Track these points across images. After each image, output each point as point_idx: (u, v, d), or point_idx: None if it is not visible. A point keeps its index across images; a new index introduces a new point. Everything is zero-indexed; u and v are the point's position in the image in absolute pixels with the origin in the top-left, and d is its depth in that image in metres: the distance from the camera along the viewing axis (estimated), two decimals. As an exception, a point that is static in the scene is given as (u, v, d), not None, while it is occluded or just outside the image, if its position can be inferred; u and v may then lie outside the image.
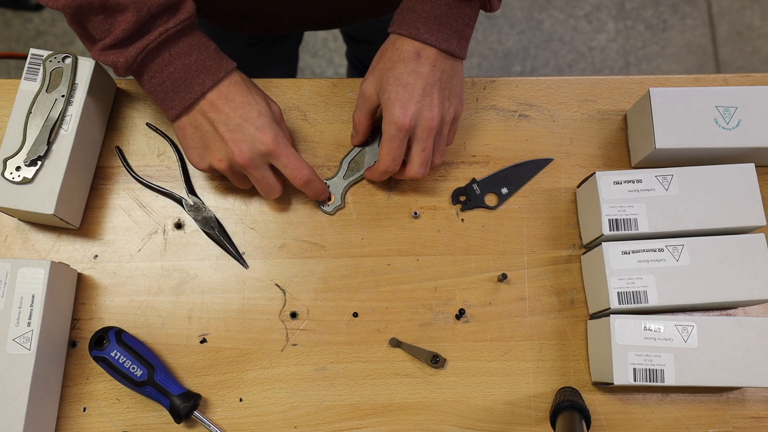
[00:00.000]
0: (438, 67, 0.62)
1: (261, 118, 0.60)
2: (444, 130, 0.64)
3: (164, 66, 0.58)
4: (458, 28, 0.62)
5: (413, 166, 0.64)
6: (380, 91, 0.62)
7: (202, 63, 0.59)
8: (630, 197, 0.64)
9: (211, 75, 0.59)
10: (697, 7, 1.93)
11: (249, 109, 0.59)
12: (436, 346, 0.66)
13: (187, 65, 0.58)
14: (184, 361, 0.65)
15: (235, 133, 0.59)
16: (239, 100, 0.59)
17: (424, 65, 0.61)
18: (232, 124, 0.59)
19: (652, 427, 0.64)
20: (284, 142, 0.61)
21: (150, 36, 0.56)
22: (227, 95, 0.59)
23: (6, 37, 1.78)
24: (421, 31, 0.61)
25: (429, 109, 0.61)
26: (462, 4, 0.61)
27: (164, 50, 0.57)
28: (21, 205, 0.61)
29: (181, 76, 0.58)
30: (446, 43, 0.61)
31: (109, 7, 0.55)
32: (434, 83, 0.61)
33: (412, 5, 0.62)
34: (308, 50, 1.84)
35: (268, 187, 0.63)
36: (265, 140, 0.59)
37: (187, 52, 0.58)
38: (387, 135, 0.62)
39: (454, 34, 0.62)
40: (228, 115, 0.59)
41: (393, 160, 0.63)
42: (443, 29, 0.61)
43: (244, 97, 0.60)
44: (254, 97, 0.60)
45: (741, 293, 0.62)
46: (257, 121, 0.59)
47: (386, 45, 0.64)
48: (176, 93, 0.59)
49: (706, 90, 0.67)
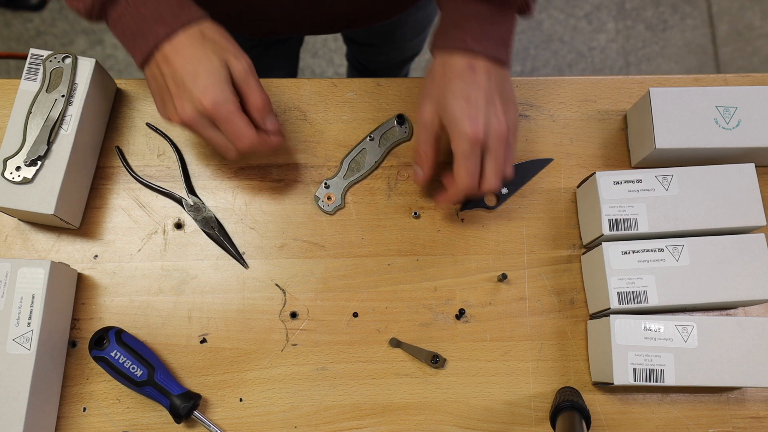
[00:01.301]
0: (493, 76, 0.60)
1: (206, 77, 0.56)
2: (511, 139, 0.61)
3: (122, 15, 0.57)
4: (502, 35, 0.61)
5: (488, 180, 0.61)
6: (441, 112, 0.60)
7: (158, 13, 0.57)
8: (630, 197, 0.64)
9: (165, 26, 0.57)
10: (697, 7, 1.93)
11: (197, 65, 0.56)
12: (436, 346, 0.66)
13: (143, 15, 0.57)
14: (184, 361, 0.65)
15: (179, 89, 0.57)
16: (190, 54, 0.57)
17: (480, 75, 0.59)
18: (177, 80, 0.57)
19: (652, 427, 0.64)
20: (227, 107, 0.57)
21: None
22: (179, 48, 0.57)
23: (6, 37, 1.79)
24: (469, 43, 0.59)
25: (496, 118, 0.59)
26: (502, 11, 0.60)
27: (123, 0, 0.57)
28: (21, 205, 0.61)
29: (138, 26, 0.57)
30: (495, 50, 0.60)
31: None
32: (494, 92, 0.59)
33: (453, 21, 0.60)
34: (308, 50, 1.84)
35: (222, 147, 0.60)
36: (204, 102, 0.56)
37: (144, 2, 0.57)
38: (461, 152, 0.59)
39: (500, 42, 0.60)
40: (176, 70, 0.57)
41: (472, 177, 0.60)
42: (490, 38, 0.60)
43: (195, 52, 0.57)
44: (207, 53, 0.57)
45: (741, 293, 0.62)
46: (201, 81, 0.56)
47: (433, 67, 0.61)
48: (135, 42, 0.58)
49: (706, 90, 0.67)
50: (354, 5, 0.77)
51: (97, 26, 1.81)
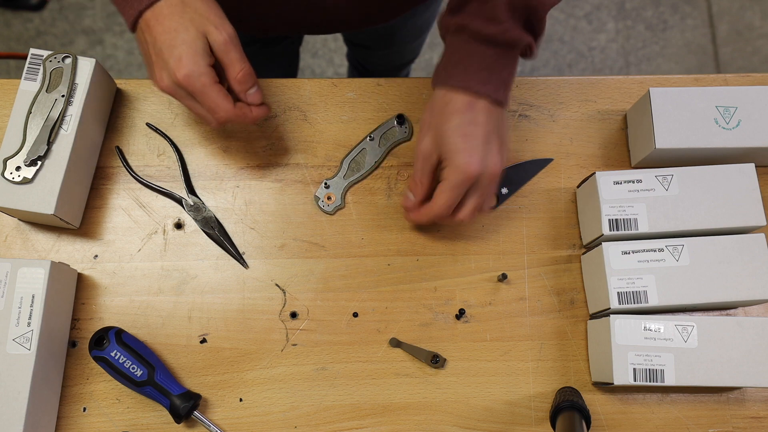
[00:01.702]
0: (492, 116, 0.60)
1: (182, 47, 0.56)
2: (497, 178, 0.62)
3: None
4: (504, 77, 0.61)
5: (465, 211, 0.62)
6: (440, 144, 0.60)
7: None
8: (630, 197, 0.64)
9: None
10: (697, 7, 1.93)
11: (175, 35, 0.56)
12: (436, 346, 0.66)
13: None
14: (184, 361, 0.65)
15: (159, 59, 0.57)
16: (169, 23, 0.56)
17: (480, 114, 0.60)
18: (156, 49, 0.57)
19: (652, 427, 0.64)
20: (200, 80, 0.56)
21: None
22: (159, 16, 0.56)
23: (6, 37, 1.79)
24: (472, 84, 0.60)
25: (492, 156, 0.60)
26: (507, 54, 0.61)
27: None
28: (21, 205, 0.61)
29: None
30: (496, 93, 0.60)
31: None
32: (492, 132, 0.60)
33: (458, 59, 0.61)
34: (308, 50, 1.84)
35: (202, 116, 0.60)
36: (177, 74, 0.56)
37: None
38: (451, 183, 0.60)
39: (501, 84, 0.61)
40: (155, 38, 0.56)
41: (450, 207, 0.61)
42: (492, 80, 0.60)
43: (174, 21, 0.56)
44: (185, 23, 0.56)
45: (741, 293, 0.62)
46: (177, 51, 0.56)
47: (434, 101, 0.62)
48: (123, 8, 0.58)
49: (706, 90, 0.67)
50: (350, 8, 0.77)
51: (97, 26, 1.81)
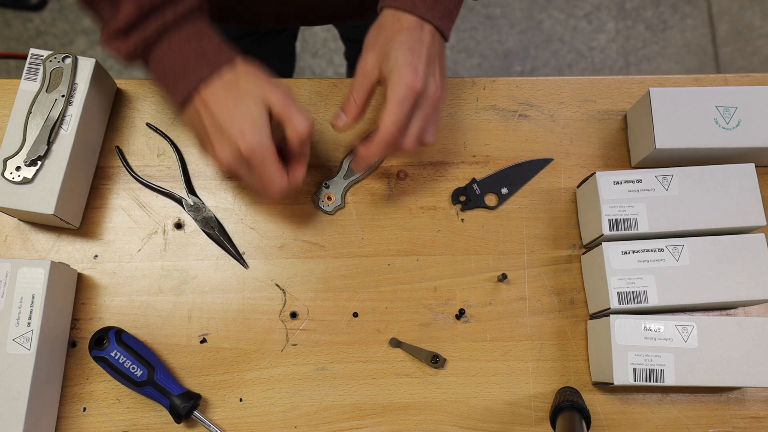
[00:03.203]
0: (435, 42, 0.61)
1: (244, 121, 0.56)
2: (439, 106, 0.62)
3: (163, 57, 0.57)
4: (449, 7, 0.62)
5: (410, 135, 0.60)
6: (383, 61, 0.59)
7: (201, 54, 0.57)
8: (630, 197, 0.64)
9: (207, 67, 0.57)
10: (697, 7, 1.93)
11: (235, 110, 0.56)
12: (436, 346, 0.66)
13: (185, 56, 0.57)
14: (184, 361, 0.65)
15: (218, 134, 0.57)
16: (226, 98, 0.57)
17: (427, 35, 0.60)
18: (216, 125, 0.57)
19: (652, 427, 0.64)
20: (261, 153, 0.57)
21: (148, 28, 0.56)
22: (216, 92, 0.57)
23: (6, 37, 1.79)
24: (419, 7, 0.60)
25: (434, 78, 0.60)
26: None
27: (164, 41, 0.57)
28: (21, 205, 0.61)
29: (179, 68, 0.57)
30: (440, 20, 0.61)
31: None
32: (435, 56, 0.60)
33: None
34: (308, 50, 1.84)
35: (259, 190, 0.61)
36: (241, 147, 0.56)
37: (186, 42, 0.57)
38: (396, 98, 0.57)
39: (446, 14, 0.61)
40: (214, 114, 0.57)
41: (399, 127, 0.59)
42: (438, 6, 0.60)
43: (232, 95, 0.57)
44: (242, 95, 0.57)
45: (741, 293, 0.62)
46: (239, 125, 0.56)
47: (383, 20, 0.61)
48: (175, 85, 0.58)
49: (706, 90, 0.67)
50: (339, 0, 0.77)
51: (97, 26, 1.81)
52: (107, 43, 0.58)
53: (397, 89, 0.57)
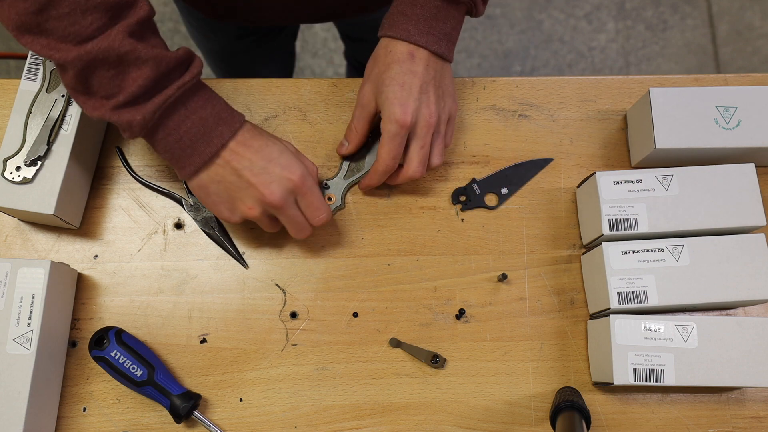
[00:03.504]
0: (431, 67, 0.63)
1: (283, 155, 0.59)
2: (441, 129, 0.65)
3: (181, 122, 0.56)
4: (446, 30, 0.63)
5: (412, 165, 0.64)
6: (377, 94, 0.63)
7: (218, 115, 0.57)
8: (630, 197, 0.64)
9: (228, 126, 0.57)
10: (697, 7, 1.93)
11: (270, 149, 0.58)
12: (436, 346, 0.66)
13: (204, 119, 0.56)
14: (184, 361, 0.65)
15: (261, 176, 0.57)
16: (257, 143, 0.58)
17: (419, 65, 0.62)
18: (257, 168, 0.57)
19: (652, 427, 0.64)
20: (310, 180, 0.60)
21: (168, 91, 0.54)
22: (245, 142, 0.58)
23: (6, 37, 1.78)
24: (413, 34, 0.62)
25: (427, 106, 0.62)
26: (450, 7, 0.63)
27: (180, 106, 0.56)
28: (21, 205, 0.61)
29: (199, 130, 0.56)
30: (436, 45, 0.62)
31: (126, 61, 0.52)
32: (429, 82, 0.62)
33: (401, 9, 0.63)
34: (308, 50, 1.84)
35: (301, 225, 0.61)
36: (292, 177, 0.58)
37: (203, 105, 0.57)
38: (388, 134, 0.62)
39: (443, 37, 0.63)
40: (251, 160, 0.57)
41: (393, 158, 0.63)
42: (433, 32, 0.62)
43: (261, 141, 0.59)
44: (270, 138, 0.60)
45: (741, 293, 0.62)
46: (281, 160, 0.58)
47: (378, 50, 0.64)
48: (194, 148, 0.57)
49: (706, 90, 0.67)
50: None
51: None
52: (113, 114, 0.54)
53: (388, 126, 0.62)
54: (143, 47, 0.52)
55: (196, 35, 0.99)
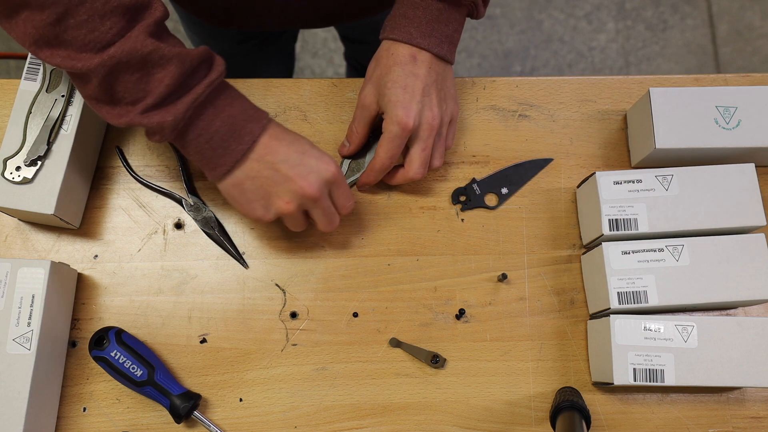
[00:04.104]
0: (433, 70, 0.63)
1: (314, 148, 0.59)
2: (443, 131, 0.65)
3: (211, 121, 0.55)
4: (448, 33, 0.63)
5: (413, 166, 0.64)
6: (379, 96, 0.63)
7: (245, 112, 0.57)
8: (630, 197, 0.64)
9: (256, 122, 0.57)
10: (697, 7, 1.93)
11: (301, 142, 0.59)
12: (436, 346, 0.66)
13: (233, 116, 0.56)
14: (184, 361, 0.65)
15: (299, 168, 0.57)
16: (288, 137, 0.58)
17: (421, 67, 0.62)
18: (293, 161, 0.57)
19: (652, 427, 0.64)
20: (339, 171, 0.60)
21: (197, 89, 0.53)
22: (277, 135, 0.58)
23: (6, 37, 1.78)
24: (415, 36, 0.62)
25: (429, 109, 0.62)
26: (452, 10, 0.63)
27: (209, 105, 0.55)
28: (21, 205, 0.61)
29: (229, 128, 0.56)
30: (438, 47, 0.63)
31: (150, 62, 0.51)
32: (431, 84, 0.63)
33: (403, 11, 0.63)
34: (308, 50, 1.84)
35: (332, 216, 0.62)
36: (329, 168, 0.59)
37: (230, 103, 0.56)
38: (389, 135, 0.62)
39: (445, 39, 0.63)
40: (286, 153, 0.57)
41: (391, 158, 0.64)
42: (435, 34, 0.62)
43: (290, 134, 0.59)
44: (296, 134, 0.60)
45: (741, 293, 0.62)
46: (313, 152, 0.59)
47: (380, 52, 0.64)
48: (226, 147, 0.56)
49: (706, 90, 0.67)
50: None
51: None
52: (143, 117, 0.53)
53: (390, 127, 0.62)
54: (165, 46, 0.52)
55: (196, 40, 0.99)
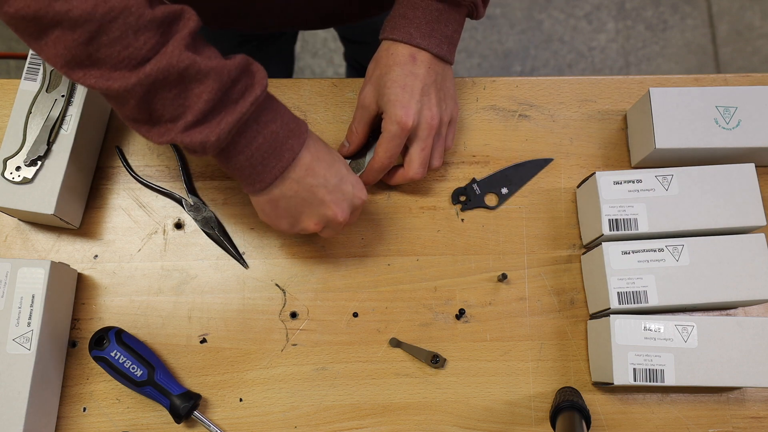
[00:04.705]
0: (432, 70, 0.63)
1: (350, 173, 0.59)
2: (442, 131, 0.65)
3: (253, 138, 0.53)
4: (448, 33, 0.63)
5: (413, 166, 0.64)
6: (379, 96, 0.63)
7: (287, 127, 0.55)
8: (630, 197, 0.64)
9: (297, 138, 0.55)
10: (697, 7, 1.93)
11: (339, 166, 0.58)
12: (436, 346, 0.66)
13: (275, 132, 0.54)
14: (184, 361, 0.65)
15: (335, 194, 0.58)
16: (327, 157, 0.58)
17: (420, 67, 0.62)
18: (331, 186, 0.57)
19: (652, 427, 0.64)
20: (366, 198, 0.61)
21: (241, 107, 0.51)
22: (316, 155, 0.57)
23: (6, 37, 1.78)
24: (414, 36, 0.62)
25: (429, 108, 0.62)
26: (451, 10, 0.63)
27: (253, 122, 0.53)
28: (21, 205, 0.61)
29: (270, 146, 0.54)
30: (438, 47, 0.63)
31: (188, 77, 0.48)
32: (431, 84, 0.63)
33: (403, 12, 0.63)
34: (308, 50, 1.84)
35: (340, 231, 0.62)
36: (362, 197, 0.60)
37: (273, 118, 0.54)
38: (388, 134, 0.62)
39: (445, 40, 0.63)
40: (325, 177, 0.57)
41: (390, 158, 0.64)
42: (434, 34, 0.62)
43: (329, 154, 0.58)
44: (333, 152, 0.59)
45: (741, 293, 0.62)
46: (350, 178, 0.59)
47: (379, 52, 0.64)
48: (265, 165, 0.54)
49: (706, 90, 0.67)
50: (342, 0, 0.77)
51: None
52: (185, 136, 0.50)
53: (389, 127, 0.62)
54: (201, 59, 0.49)
55: None
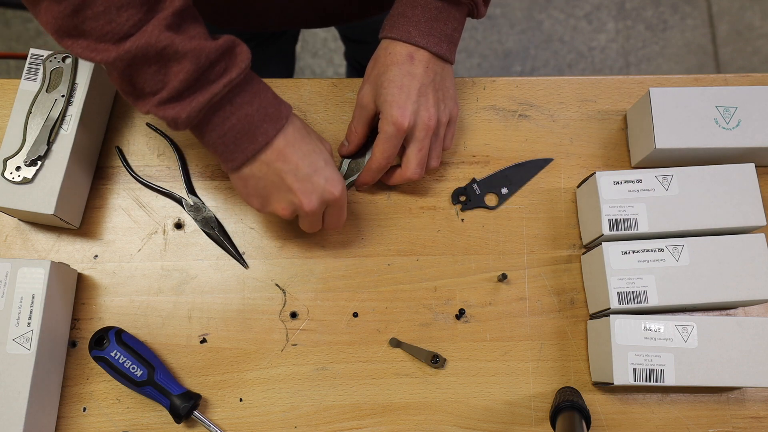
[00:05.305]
0: (431, 69, 0.62)
1: (328, 167, 0.58)
2: (440, 132, 0.65)
3: (226, 118, 0.54)
4: (447, 32, 0.63)
5: (410, 167, 0.64)
6: (376, 96, 0.63)
7: (264, 111, 0.55)
8: (630, 197, 0.64)
9: (273, 123, 0.56)
10: (697, 7, 1.93)
11: (316, 157, 0.58)
12: (436, 346, 0.66)
13: (249, 115, 0.55)
14: (184, 361, 0.65)
15: (304, 183, 0.57)
16: (305, 147, 0.57)
17: (418, 67, 0.62)
18: (300, 174, 0.57)
19: (652, 427, 0.64)
20: (344, 194, 0.60)
21: (213, 88, 0.52)
22: (293, 142, 0.57)
23: (6, 37, 1.78)
24: (413, 35, 0.62)
25: (426, 109, 0.62)
26: (451, 8, 0.63)
27: (227, 102, 0.54)
28: (21, 205, 0.61)
29: (244, 127, 0.55)
30: (437, 46, 0.62)
31: (165, 56, 0.50)
32: (429, 84, 0.62)
33: (402, 10, 0.63)
34: (308, 50, 1.84)
35: (316, 227, 0.62)
36: (334, 192, 0.59)
37: (249, 101, 0.55)
38: (384, 135, 0.62)
39: (444, 38, 0.63)
40: (297, 165, 0.57)
41: (387, 158, 0.63)
42: (434, 33, 0.62)
43: (308, 144, 0.58)
44: (316, 143, 0.59)
45: (741, 293, 0.62)
46: (326, 172, 0.58)
47: (378, 51, 0.64)
48: (238, 145, 0.55)
49: (706, 90, 0.67)
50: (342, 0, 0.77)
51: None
52: (158, 110, 0.53)
53: (385, 127, 0.62)
54: (181, 40, 0.50)
55: None
